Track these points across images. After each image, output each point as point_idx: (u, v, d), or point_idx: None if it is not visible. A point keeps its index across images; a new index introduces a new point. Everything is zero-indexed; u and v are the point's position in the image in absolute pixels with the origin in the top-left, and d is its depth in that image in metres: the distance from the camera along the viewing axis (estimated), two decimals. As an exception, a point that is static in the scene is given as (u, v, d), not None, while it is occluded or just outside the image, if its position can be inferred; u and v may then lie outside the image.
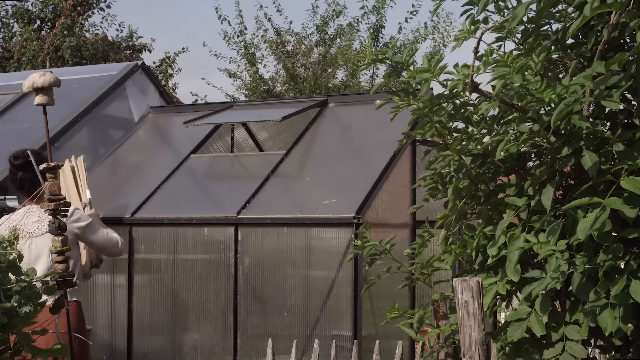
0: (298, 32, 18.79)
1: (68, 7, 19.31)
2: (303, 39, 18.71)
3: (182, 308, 8.11)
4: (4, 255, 4.02)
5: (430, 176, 4.34)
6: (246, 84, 18.55)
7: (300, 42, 18.67)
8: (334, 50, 18.29)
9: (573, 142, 3.65)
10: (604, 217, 3.33)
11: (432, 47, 18.39)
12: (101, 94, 9.94)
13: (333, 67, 18.08)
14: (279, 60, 18.24)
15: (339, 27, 18.52)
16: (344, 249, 7.34)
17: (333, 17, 18.53)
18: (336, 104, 9.14)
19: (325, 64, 17.95)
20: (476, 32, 3.91)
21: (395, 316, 4.66)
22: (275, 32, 18.61)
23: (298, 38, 18.72)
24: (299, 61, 18.32)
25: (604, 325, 3.44)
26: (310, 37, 18.76)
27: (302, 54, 18.45)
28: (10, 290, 3.96)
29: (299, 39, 18.71)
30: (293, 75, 17.70)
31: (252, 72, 18.41)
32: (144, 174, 8.94)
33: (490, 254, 3.90)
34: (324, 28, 18.55)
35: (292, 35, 18.81)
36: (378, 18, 18.35)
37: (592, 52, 3.82)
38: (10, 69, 18.77)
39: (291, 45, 18.68)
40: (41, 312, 3.91)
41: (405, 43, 18.08)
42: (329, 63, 18.01)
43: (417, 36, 18.37)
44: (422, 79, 3.94)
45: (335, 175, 8.07)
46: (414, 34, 18.34)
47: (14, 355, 3.94)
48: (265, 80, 18.55)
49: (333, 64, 17.98)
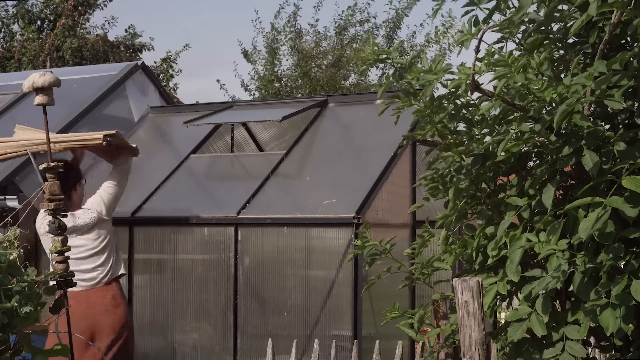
0: (319, 32, 18.81)
1: (69, 7, 19.31)
2: (321, 39, 18.75)
3: (182, 308, 8.11)
4: (4, 255, 4.02)
5: (431, 176, 4.34)
6: (260, 77, 18.56)
7: (319, 43, 18.70)
8: (349, 53, 18.33)
9: (574, 141, 3.65)
10: (605, 217, 3.33)
11: (439, 51, 18.40)
12: (101, 94, 9.93)
13: (345, 69, 18.12)
14: (296, 59, 18.27)
15: (357, 32, 18.58)
16: (344, 249, 7.34)
17: (357, 23, 18.61)
18: (336, 104, 9.14)
19: (339, 66, 17.99)
20: (478, 34, 3.91)
21: (395, 316, 4.66)
22: (296, 31, 18.65)
23: (316, 39, 18.75)
24: (313, 61, 18.33)
25: (605, 325, 3.43)
26: (330, 38, 18.81)
27: (318, 55, 18.47)
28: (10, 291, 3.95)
29: (317, 39, 18.74)
30: (307, 73, 17.71)
31: (269, 68, 18.41)
32: (144, 174, 8.93)
33: (490, 254, 3.90)
34: (343, 32, 18.59)
35: (311, 35, 18.84)
36: (397, 20, 18.41)
37: (593, 49, 3.82)
38: (11, 69, 18.76)
39: (309, 43, 18.68)
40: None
41: (415, 47, 18.13)
42: (342, 65, 18.05)
43: (428, 39, 18.41)
44: (426, 80, 3.94)
45: (335, 175, 8.06)
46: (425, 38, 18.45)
47: (14, 355, 3.94)
48: (279, 77, 18.56)
49: (345, 66, 18.03)
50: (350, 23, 18.64)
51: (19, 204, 8.18)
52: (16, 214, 6.80)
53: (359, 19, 18.65)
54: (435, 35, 18.20)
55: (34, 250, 8.54)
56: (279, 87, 18.45)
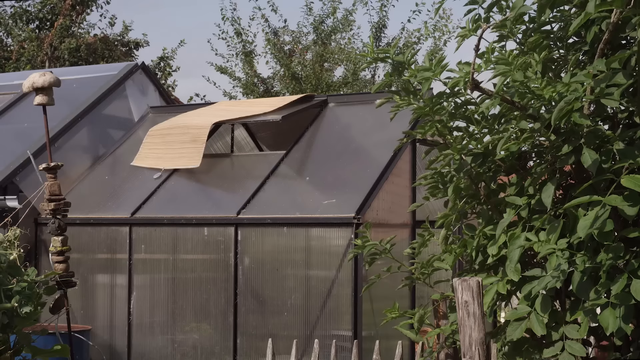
0: (294, 31, 18.81)
1: (66, 7, 19.29)
2: (299, 37, 18.74)
3: (182, 308, 8.11)
4: (4, 255, 4.02)
5: (431, 175, 4.33)
6: (243, 83, 18.60)
7: (297, 41, 18.69)
8: (332, 46, 18.29)
9: (573, 140, 3.65)
10: (604, 216, 3.33)
11: (433, 46, 18.39)
12: (101, 94, 9.94)
13: (330, 63, 18.09)
14: (277, 60, 18.27)
15: (335, 23, 18.53)
16: (344, 249, 7.34)
17: (329, 15, 18.56)
18: (336, 104, 9.14)
19: (322, 60, 17.95)
20: (477, 31, 3.91)
21: (395, 316, 4.66)
22: (272, 31, 18.63)
23: (294, 37, 18.74)
24: (296, 59, 18.32)
25: (605, 325, 3.43)
26: (307, 35, 18.79)
27: (299, 53, 18.46)
28: (10, 291, 3.95)
29: (295, 37, 18.74)
30: (293, 74, 17.72)
31: (249, 72, 18.43)
32: (144, 174, 8.93)
33: (490, 253, 3.89)
34: (320, 26, 18.56)
35: (289, 34, 18.83)
36: (381, 17, 18.38)
37: (591, 48, 3.82)
38: (9, 69, 18.75)
39: (289, 45, 18.69)
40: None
41: (408, 43, 18.08)
42: (326, 59, 18.02)
43: (419, 36, 18.39)
44: (423, 78, 3.94)
45: (335, 175, 8.07)
46: (416, 33, 18.37)
47: (14, 355, 3.95)
48: (263, 80, 18.57)
49: (330, 59, 17.99)
50: (323, 17, 18.58)
51: (19, 204, 8.19)
52: (16, 214, 6.81)
53: (329, 8, 18.58)
54: (426, 31, 18.17)
55: (34, 250, 8.55)
56: (265, 90, 18.44)
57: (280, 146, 9.56)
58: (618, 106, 3.63)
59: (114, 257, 8.41)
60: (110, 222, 8.43)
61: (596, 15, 3.49)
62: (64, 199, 6.05)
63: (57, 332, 5.21)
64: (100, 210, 8.61)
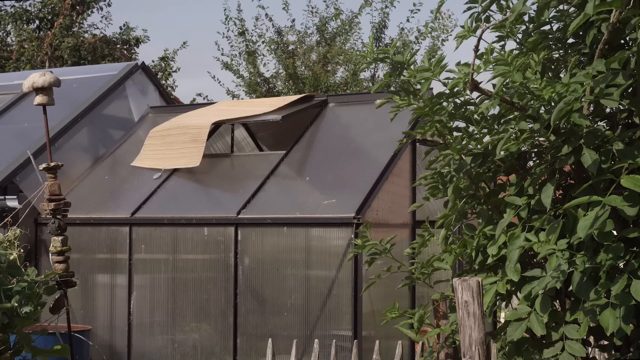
0: (300, 31, 18.83)
1: (66, 6, 19.29)
2: (304, 37, 18.76)
3: (182, 308, 8.11)
4: (4, 255, 4.02)
5: (431, 175, 4.33)
6: (246, 82, 18.61)
7: (302, 41, 18.70)
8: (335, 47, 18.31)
9: (573, 140, 3.65)
10: (604, 216, 3.33)
11: (431, 45, 18.40)
12: (101, 94, 9.94)
13: (332, 64, 18.10)
14: (279, 60, 18.29)
15: (340, 26, 18.54)
16: (344, 249, 7.35)
17: (333, 17, 18.57)
18: (336, 104, 9.14)
19: (325, 61, 17.96)
20: (476, 31, 3.91)
21: (395, 316, 4.66)
22: (276, 31, 18.65)
23: (300, 37, 18.75)
24: (299, 59, 18.34)
25: (605, 325, 3.43)
26: (311, 36, 18.80)
27: (302, 53, 18.47)
28: (10, 291, 3.96)
29: (300, 37, 18.75)
30: (292, 74, 17.74)
31: (252, 71, 18.45)
32: (144, 174, 8.94)
33: (490, 254, 3.89)
34: (324, 28, 18.58)
35: (294, 34, 18.85)
36: (382, 18, 18.40)
37: (590, 49, 3.82)
38: (9, 69, 18.75)
39: (294, 45, 18.70)
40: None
41: (407, 43, 18.09)
42: (328, 60, 18.03)
43: (417, 36, 18.41)
44: (423, 78, 3.94)
45: (335, 175, 8.07)
46: (414, 33, 18.39)
47: (14, 355, 3.95)
48: (266, 79, 18.59)
49: (332, 61, 18.01)
50: (327, 19, 18.60)
51: (19, 204, 8.19)
52: (16, 214, 6.81)
53: (333, 10, 18.62)
54: (426, 30, 18.19)
55: (34, 250, 8.55)
56: (267, 89, 18.45)
57: (280, 146, 9.56)
58: (617, 106, 3.62)
59: (114, 257, 8.41)
60: (111, 222, 8.43)
61: (595, 17, 3.50)
62: (64, 199, 6.05)
63: (57, 332, 5.21)
64: (100, 210, 8.61)
